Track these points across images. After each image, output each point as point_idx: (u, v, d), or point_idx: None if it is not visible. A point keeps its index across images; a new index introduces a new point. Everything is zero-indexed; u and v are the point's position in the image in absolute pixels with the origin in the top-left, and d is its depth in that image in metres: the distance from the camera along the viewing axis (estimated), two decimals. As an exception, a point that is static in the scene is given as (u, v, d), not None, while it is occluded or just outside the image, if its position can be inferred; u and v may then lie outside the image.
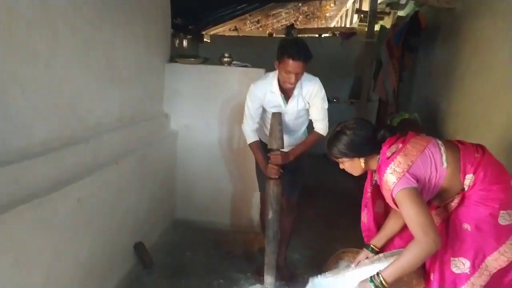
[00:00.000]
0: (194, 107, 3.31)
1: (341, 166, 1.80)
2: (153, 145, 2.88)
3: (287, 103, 2.34)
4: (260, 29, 10.46)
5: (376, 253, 1.90)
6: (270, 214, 2.27)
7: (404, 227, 1.82)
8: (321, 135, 2.40)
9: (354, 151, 1.71)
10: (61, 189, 1.76)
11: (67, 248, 1.85)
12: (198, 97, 3.29)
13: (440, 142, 1.68)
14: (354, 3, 9.63)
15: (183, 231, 3.25)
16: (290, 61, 2.08)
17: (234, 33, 8.78)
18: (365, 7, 7.15)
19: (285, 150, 2.34)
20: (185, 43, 6.21)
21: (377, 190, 1.88)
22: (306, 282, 1.88)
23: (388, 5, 6.44)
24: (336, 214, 3.74)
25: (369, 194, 1.96)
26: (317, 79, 2.36)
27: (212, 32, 8.12)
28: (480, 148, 1.70)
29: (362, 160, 1.72)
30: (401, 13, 6.03)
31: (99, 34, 2.17)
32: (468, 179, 1.61)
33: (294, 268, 2.74)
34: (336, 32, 7.95)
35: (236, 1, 6.30)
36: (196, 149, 3.36)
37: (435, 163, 1.61)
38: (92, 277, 2.08)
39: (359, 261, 1.91)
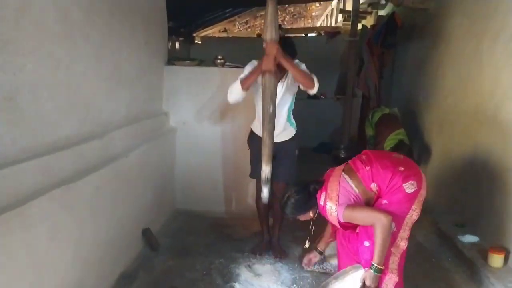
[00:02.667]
0: (191, 105, 3.60)
1: (301, 219, 2.37)
2: (155, 141, 3.16)
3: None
4: (249, 29, 10.77)
5: (320, 253, 2.65)
6: (271, 108, 2.45)
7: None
8: (312, 76, 2.58)
9: (301, 210, 2.30)
10: (84, 177, 2.04)
11: (89, 229, 2.12)
12: (194, 96, 3.58)
13: (344, 175, 2.23)
14: (338, 2, 9.97)
15: (184, 219, 3.54)
16: None
17: (224, 35, 9.06)
18: (349, 7, 7.48)
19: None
20: (177, 45, 6.48)
21: None
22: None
23: (369, 5, 6.78)
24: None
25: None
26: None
27: (202, 34, 8.40)
28: (366, 157, 2.28)
29: (311, 213, 2.31)
30: (381, 12, 6.38)
31: (108, 42, 2.45)
32: (373, 187, 2.20)
33: (286, 247, 3.04)
34: (321, 32, 8.27)
35: (221, 6, 6.59)
36: (193, 145, 3.65)
37: (350, 192, 2.18)
38: (108, 256, 2.37)
39: (310, 259, 2.65)
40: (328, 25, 11.55)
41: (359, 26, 6.25)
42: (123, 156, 2.54)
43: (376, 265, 2.06)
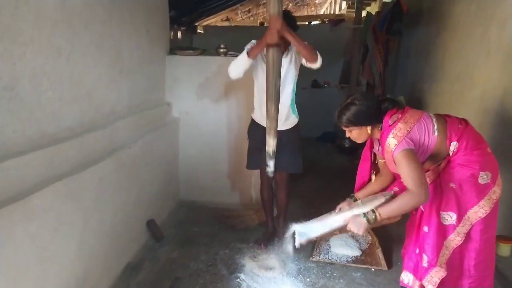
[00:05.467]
0: (193, 95, 3.55)
1: (348, 134, 2.09)
2: (158, 131, 3.13)
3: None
4: (251, 18, 10.64)
5: (354, 200, 2.27)
6: (277, 82, 2.41)
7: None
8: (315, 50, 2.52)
9: (361, 120, 1.99)
10: (87, 169, 2.02)
11: (93, 220, 2.11)
12: (197, 86, 3.53)
13: (432, 115, 2.01)
14: (342, -11, 9.82)
15: (188, 210, 3.53)
16: None
17: (226, 23, 8.96)
18: (353, -6, 7.35)
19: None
20: (179, 34, 6.41)
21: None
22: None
23: (374, -9, 6.67)
24: (330, 189, 4.04)
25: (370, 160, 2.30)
26: None
27: (205, 23, 8.30)
28: (464, 121, 2.05)
29: (369, 128, 2.01)
30: (386, -1, 6.26)
31: (108, 31, 2.40)
32: (453, 146, 1.95)
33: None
34: (325, 19, 8.17)
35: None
36: (196, 135, 3.61)
37: (428, 131, 1.94)
38: (114, 247, 2.36)
39: (340, 208, 2.24)
40: (332, 12, 11.40)
41: (364, 13, 6.16)
42: (126, 147, 2.51)
43: (374, 216, 1.89)
